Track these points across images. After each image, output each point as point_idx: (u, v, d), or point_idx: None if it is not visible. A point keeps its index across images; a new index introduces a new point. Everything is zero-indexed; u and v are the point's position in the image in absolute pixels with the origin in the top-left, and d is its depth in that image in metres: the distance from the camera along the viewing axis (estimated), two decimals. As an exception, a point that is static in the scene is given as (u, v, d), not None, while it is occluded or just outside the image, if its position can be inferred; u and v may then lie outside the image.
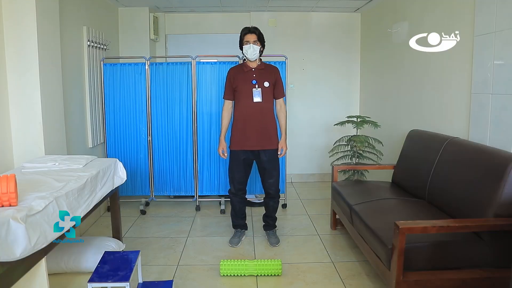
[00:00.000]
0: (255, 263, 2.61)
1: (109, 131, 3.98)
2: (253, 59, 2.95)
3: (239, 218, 3.19)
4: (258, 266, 2.60)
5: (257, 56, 2.95)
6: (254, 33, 2.92)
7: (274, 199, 3.15)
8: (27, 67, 2.60)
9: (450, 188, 2.47)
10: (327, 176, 4.90)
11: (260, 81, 2.95)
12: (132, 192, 4.07)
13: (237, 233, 3.18)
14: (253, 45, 2.89)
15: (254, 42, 2.90)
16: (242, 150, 2.98)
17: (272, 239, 3.13)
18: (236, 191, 3.10)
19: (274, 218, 3.22)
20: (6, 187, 1.57)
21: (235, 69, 3.06)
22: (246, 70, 2.98)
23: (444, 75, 3.05)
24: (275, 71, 3.04)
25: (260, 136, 2.95)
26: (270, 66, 3.08)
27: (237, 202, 3.13)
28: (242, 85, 2.95)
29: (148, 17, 4.64)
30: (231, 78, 3.01)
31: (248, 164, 3.07)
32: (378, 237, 2.22)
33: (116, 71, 3.93)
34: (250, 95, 2.93)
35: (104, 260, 2.10)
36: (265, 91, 2.95)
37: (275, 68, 3.08)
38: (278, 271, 2.60)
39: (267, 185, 3.09)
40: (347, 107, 5.03)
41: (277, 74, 3.04)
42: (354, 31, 5.05)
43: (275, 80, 3.01)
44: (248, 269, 2.60)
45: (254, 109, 2.93)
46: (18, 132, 2.66)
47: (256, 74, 2.97)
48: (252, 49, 2.90)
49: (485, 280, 2.02)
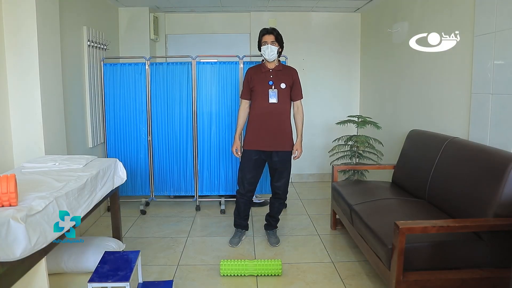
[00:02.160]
0: (255, 263, 2.62)
1: (109, 131, 3.99)
2: (271, 59, 2.94)
3: (242, 219, 3.16)
4: (258, 266, 2.60)
5: (275, 56, 2.94)
6: (272, 34, 2.92)
7: (281, 200, 3.13)
8: (27, 67, 2.60)
9: (450, 188, 2.47)
10: (327, 176, 4.91)
11: (277, 82, 2.94)
12: (132, 192, 4.07)
13: (237, 233, 3.17)
14: (270, 46, 2.89)
15: (272, 43, 2.89)
16: (254, 150, 2.97)
17: (272, 239, 3.13)
18: (246, 192, 3.05)
19: (277, 219, 3.21)
20: (6, 187, 1.57)
21: (253, 69, 3.06)
22: (264, 71, 2.97)
23: (444, 75, 3.05)
24: (293, 73, 3.03)
25: (274, 137, 2.94)
26: (289, 68, 3.07)
27: (242, 203, 3.10)
28: (259, 85, 2.95)
29: (148, 17, 4.64)
30: (249, 78, 3.01)
31: (259, 165, 3.04)
32: (378, 237, 2.22)
33: (116, 71, 3.93)
34: (266, 96, 2.92)
35: (104, 260, 2.10)
36: (282, 92, 2.94)
37: (293, 69, 3.06)
38: (278, 271, 2.60)
39: (276, 186, 3.07)
40: (347, 107, 5.02)
41: (295, 76, 3.03)
42: (354, 31, 5.05)
43: (293, 81, 3.00)
44: (248, 269, 2.61)
45: (269, 110, 2.93)
46: (18, 132, 2.66)
47: (273, 75, 2.96)
48: (270, 50, 2.89)
49: (485, 280, 2.02)
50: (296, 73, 3.05)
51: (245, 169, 3.02)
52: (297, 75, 3.05)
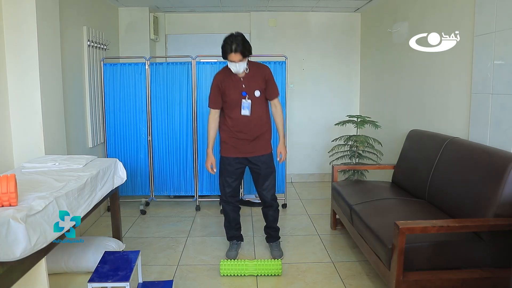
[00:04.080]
0: (255, 263, 2.61)
1: (109, 131, 3.99)
2: (240, 74, 2.65)
3: (233, 229, 2.95)
4: (258, 266, 2.60)
5: (244, 69, 2.62)
6: (237, 52, 2.51)
7: (273, 207, 2.90)
8: (27, 67, 2.60)
9: (450, 188, 2.47)
10: (327, 176, 4.91)
11: (250, 91, 2.67)
12: (132, 192, 4.07)
13: (233, 245, 2.95)
14: (238, 64, 2.56)
15: (239, 61, 2.55)
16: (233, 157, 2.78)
17: (275, 252, 2.90)
18: (228, 197, 2.85)
19: (276, 228, 2.98)
20: (6, 187, 1.57)
21: (222, 74, 2.74)
22: (235, 80, 2.68)
23: (444, 75, 3.05)
24: (265, 72, 2.73)
25: (252, 144, 2.75)
26: (259, 67, 2.75)
27: (230, 211, 2.88)
28: (231, 95, 2.69)
29: (148, 17, 4.64)
30: (218, 84, 2.72)
31: (240, 168, 2.83)
32: (378, 237, 2.22)
33: (116, 71, 3.93)
34: (238, 106, 2.68)
35: (104, 260, 2.10)
36: (256, 101, 2.70)
37: (265, 67, 2.75)
38: (278, 271, 2.60)
39: (263, 194, 2.85)
40: (347, 107, 5.03)
41: (268, 75, 2.73)
42: (354, 31, 5.05)
43: (266, 81, 2.72)
44: (248, 269, 2.60)
45: (244, 120, 2.70)
46: (18, 132, 2.66)
47: (245, 83, 2.68)
48: (239, 67, 2.58)
49: (485, 280, 2.02)
50: (267, 71, 2.74)
51: (225, 173, 2.81)
52: (269, 73, 2.74)
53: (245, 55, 2.57)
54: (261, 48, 4.93)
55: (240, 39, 2.54)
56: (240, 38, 2.55)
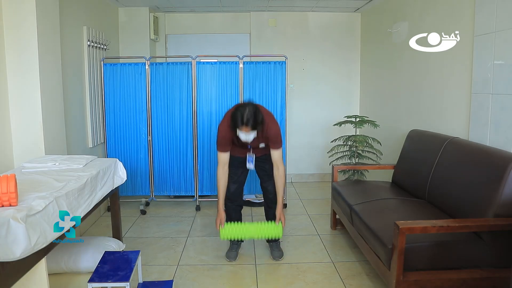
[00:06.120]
0: (256, 225, 2.57)
1: (109, 131, 3.99)
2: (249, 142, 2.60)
3: None
4: (259, 229, 2.55)
5: (253, 138, 2.55)
6: (247, 126, 2.45)
7: (275, 205, 2.84)
8: (27, 67, 2.60)
9: (450, 188, 2.47)
10: (327, 176, 4.91)
11: (254, 145, 2.69)
12: (132, 192, 4.07)
13: (233, 246, 2.92)
14: (248, 134, 2.50)
15: (250, 131, 2.49)
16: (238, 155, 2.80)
17: (276, 252, 2.89)
18: (231, 195, 2.84)
19: None
20: (6, 187, 1.57)
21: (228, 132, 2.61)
22: (240, 143, 2.65)
23: (444, 75, 3.05)
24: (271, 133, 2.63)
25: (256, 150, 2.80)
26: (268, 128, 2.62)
27: (232, 210, 2.88)
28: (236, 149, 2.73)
29: (148, 17, 4.64)
30: (226, 137, 2.63)
31: (245, 164, 2.81)
32: (378, 237, 2.22)
33: (116, 71, 3.93)
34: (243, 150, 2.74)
35: (104, 260, 2.10)
36: (261, 150, 2.76)
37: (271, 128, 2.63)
38: (278, 233, 2.56)
39: (268, 190, 2.86)
40: (347, 107, 5.02)
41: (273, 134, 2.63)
42: (354, 31, 5.05)
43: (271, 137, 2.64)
44: (249, 232, 2.55)
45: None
46: (18, 132, 2.66)
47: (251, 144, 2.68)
48: (247, 137, 2.53)
49: (485, 280, 2.02)
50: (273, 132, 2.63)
51: (230, 171, 2.77)
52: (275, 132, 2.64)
53: (255, 127, 2.49)
54: (261, 48, 4.94)
55: (253, 112, 2.45)
56: (253, 111, 2.46)
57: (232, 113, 2.51)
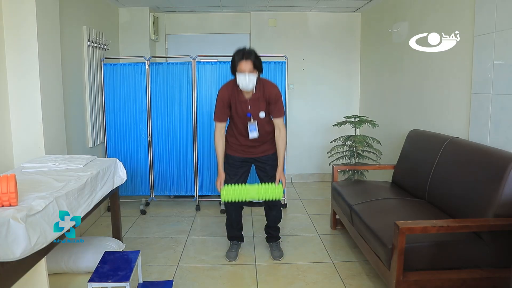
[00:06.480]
0: (257, 187, 2.56)
1: (109, 131, 3.99)
2: (249, 89, 2.55)
3: (235, 230, 2.93)
4: (260, 190, 2.56)
5: (253, 85, 2.51)
6: (249, 60, 2.45)
7: (277, 207, 2.89)
8: (27, 67, 2.60)
9: (450, 188, 2.47)
10: (327, 176, 4.91)
11: (255, 113, 2.61)
12: (132, 192, 4.07)
13: (233, 246, 2.94)
14: (248, 75, 2.46)
15: (250, 71, 2.46)
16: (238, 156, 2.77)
17: (276, 252, 2.89)
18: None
19: (277, 228, 2.97)
20: (6, 187, 1.57)
21: (228, 90, 2.63)
22: (241, 100, 2.61)
23: (444, 75, 3.05)
24: (270, 92, 2.60)
25: (258, 148, 2.74)
26: (267, 87, 2.61)
27: (233, 211, 2.86)
28: (237, 114, 2.65)
29: (148, 17, 4.64)
30: (223, 98, 2.62)
31: (245, 166, 2.81)
32: (378, 237, 2.22)
33: (116, 71, 3.93)
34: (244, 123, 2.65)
35: (104, 260, 2.10)
36: (261, 122, 2.66)
37: (271, 89, 2.62)
38: (279, 195, 2.56)
39: None
40: (347, 107, 5.03)
41: (270, 95, 2.61)
42: (354, 31, 5.05)
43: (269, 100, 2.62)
44: (250, 193, 2.55)
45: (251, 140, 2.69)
46: (18, 132, 2.66)
47: (251, 104, 2.61)
48: (248, 80, 2.47)
49: (485, 280, 2.02)
50: (272, 91, 2.61)
51: (230, 172, 2.76)
52: (273, 93, 2.61)
53: (256, 67, 2.49)
54: (261, 48, 4.89)
55: (253, 51, 2.50)
56: (253, 51, 2.51)
57: (232, 55, 2.56)
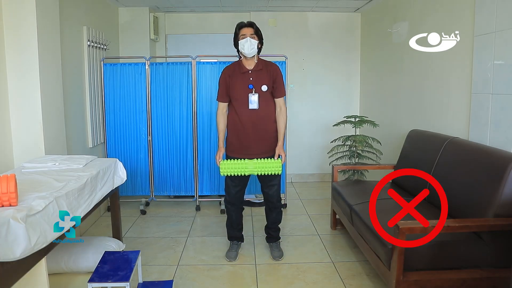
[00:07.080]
0: (255, 161, 2.58)
1: (109, 131, 3.99)
2: (251, 55, 2.64)
3: (236, 230, 2.94)
4: (258, 165, 2.57)
5: (255, 51, 2.64)
6: (251, 27, 2.66)
7: (277, 209, 2.90)
8: (27, 67, 2.60)
9: (450, 188, 2.46)
10: (327, 176, 4.91)
11: (257, 85, 2.67)
12: (132, 192, 4.07)
13: (233, 246, 2.94)
14: (250, 39, 2.60)
15: (251, 36, 2.62)
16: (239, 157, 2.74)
17: (276, 252, 2.90)
18: (232, 199, 2.84)
19: (277, 228, 2.97)
20: (6, 187, 1.57)
21: (230, 68, 2.77)
22: (242, 72, 2.69)
23: (444, 75, 3.05)
24: (274, 69, 2.74)
25: (259, 145, 2.72)
26: (269, 64, 2.76)
27: (233, 212, 2.88)
28: (238, 89, 2.68)
29: (148, 17, 4.64)
30: (226, 78, 2.72)
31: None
32: (378, 237, 2.22)
33: (116, 71, 3.93)
34: (246, 101, 2.67)
35: (104, 260, 2.10)
36: (263, 95, 2.68)
37: (275, 66, 2.77)
38: (278, 169, 2.57)
39: (269, 194, 2.83)
40: (347, 107, 5.03)
41: (276, 73, 2.74)
42: (354, 31, 5.05)
43: (274, 79, 2.71)
44: (248, 167, 2.56)
45: (251, 117, 2.67)
46: (18, 132, 2.66)
47: (253, 76, 2.68)
48: (249, 43, 2.60)
49: (485, 280, 2.02)
50: (277, 69, 2.76)
51: (231, 177, 2.73)
52: (278, 71, 2.75)
53: (257, 34, 2.67)
54: (261, 48, 4.94)
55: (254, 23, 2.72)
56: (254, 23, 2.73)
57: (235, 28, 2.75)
